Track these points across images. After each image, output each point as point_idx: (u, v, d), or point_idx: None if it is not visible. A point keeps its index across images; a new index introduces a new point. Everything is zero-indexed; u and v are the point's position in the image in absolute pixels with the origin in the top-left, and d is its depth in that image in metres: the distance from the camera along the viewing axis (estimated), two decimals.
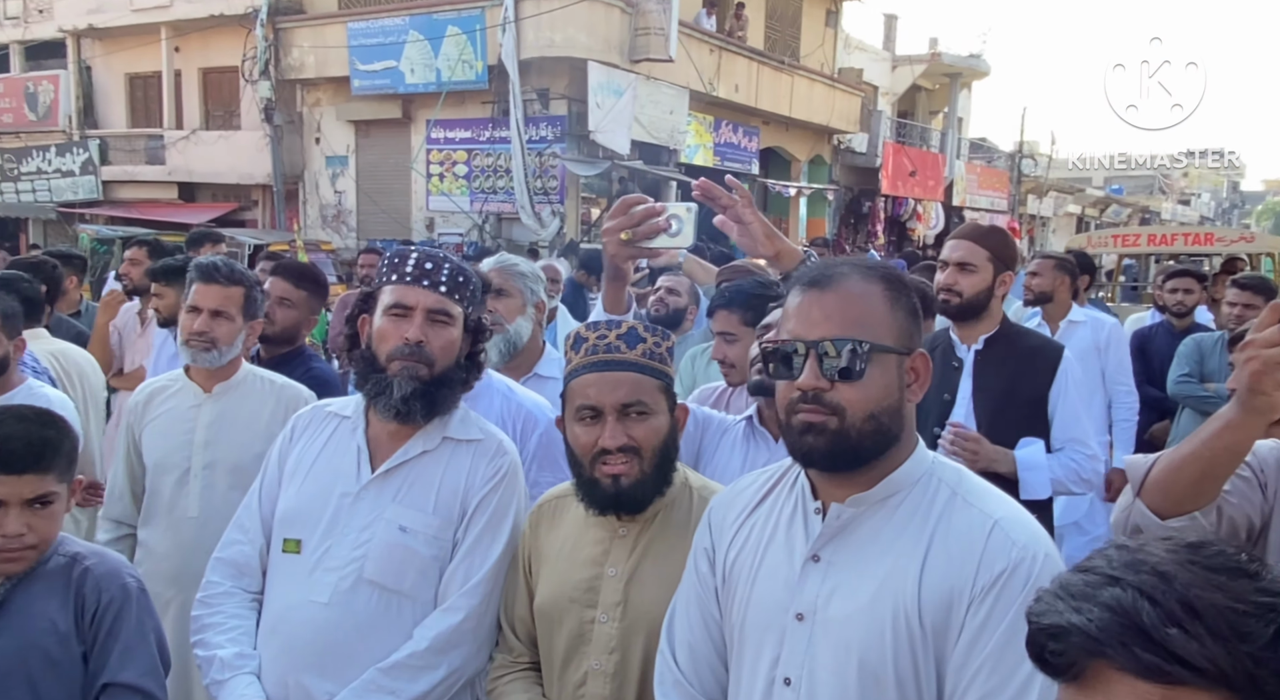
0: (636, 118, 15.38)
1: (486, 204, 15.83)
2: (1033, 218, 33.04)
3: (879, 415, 1.29)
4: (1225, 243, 7.33)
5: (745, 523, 1.46)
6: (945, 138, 26.05)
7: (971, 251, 2.81)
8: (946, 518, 1.30)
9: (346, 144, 17.20)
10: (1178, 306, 4.95)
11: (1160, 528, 1.51)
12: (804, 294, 1.34)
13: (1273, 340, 1.29)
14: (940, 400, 2.87)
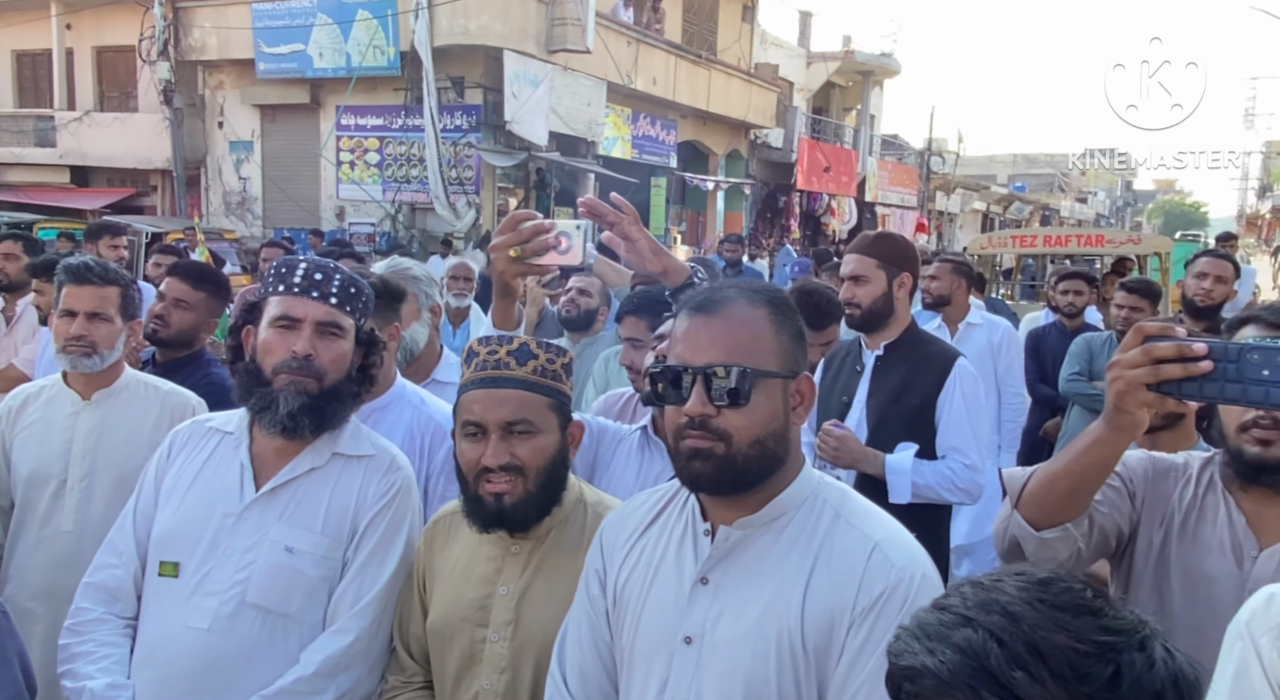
0: (554, 109, 15.27)
1: (399, 193, 15.51)
2: (941, 214, 34.05)
3: (765, 440, 1.29)
4: (1115, 244, 7.67)
5: (636, 544, 1.45)
6: (858, 134, 26.62)
7: (860, 263, 2.86)
8: (830, 539, 1.31)
9: (252, 129, 16.63)
10: (1069, 307, 5.14)
11: (1035, 539, 1.56)
12: (690, 319, 1.33)
13: (1136, 361, 1.33)
14: (840, 402, 2.94)
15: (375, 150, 15.68)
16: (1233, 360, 1.26)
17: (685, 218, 21.91)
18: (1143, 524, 1.71)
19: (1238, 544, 1.63)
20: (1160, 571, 1.68)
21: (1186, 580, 1.65)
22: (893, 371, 2.88)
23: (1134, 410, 1.36)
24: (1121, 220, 69.90)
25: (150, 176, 17.53)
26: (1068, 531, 1.54)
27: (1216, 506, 1.67)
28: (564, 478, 1.67)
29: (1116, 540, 1.71)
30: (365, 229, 15.80)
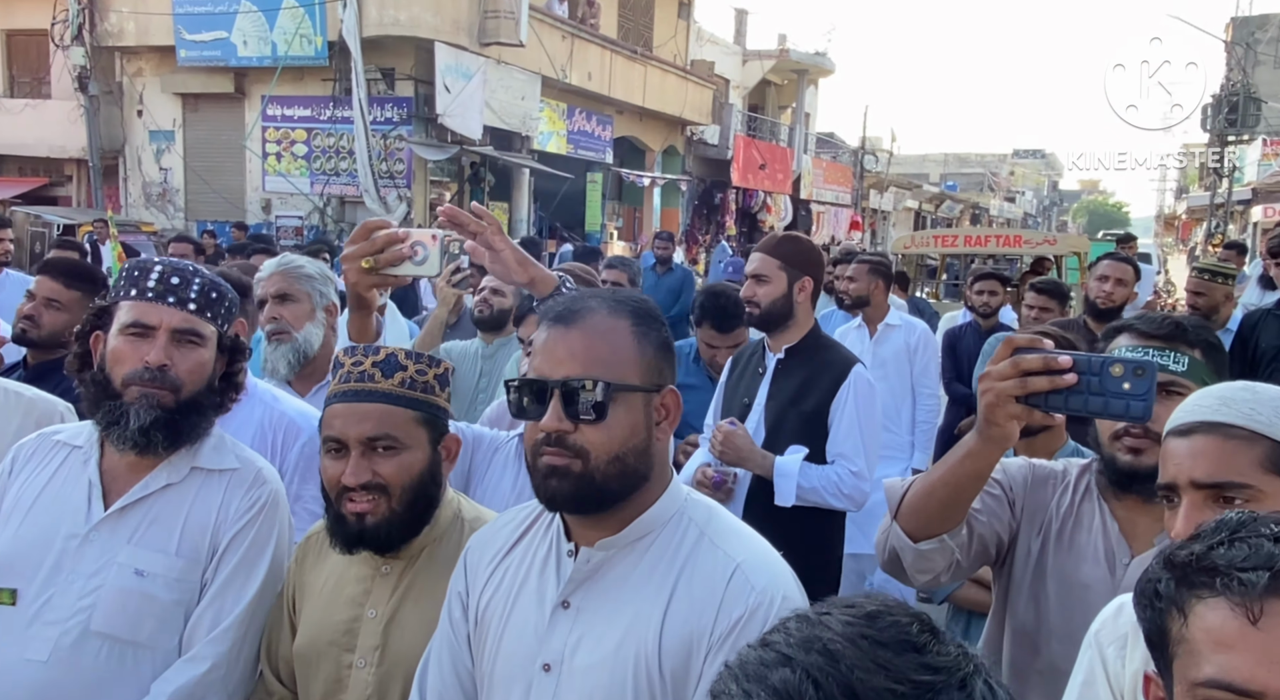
0: (487, 102, 15.06)
1: (328, 186, 15.14)
2: (875, 212, 34.58)
3: (624, 456, 1.24)
4: (1032, 244, 7.84)
5: (500, 565, 1.39)
6: (793, 132, 26.86)
7: (764, 262, 2.85)
8: (693, 560, 1.27)
9: (173, 118, 16.06)
10: (983, 307, 5.21)
11: (912, 550, 1.54)
12: (549, 330, 1.28)
13: (1005, 374, 1.31)
14: (741, 403, 2.93)
15: (303, 142, 15.27)
16: (1095, 373, 1.25)
17: (622, 214, 21.86)
18: (1022, 531, 1.71)
19: (1111, 551, 1.64)
20: (1038, 579, 1.68)
21: (1062, 588, 1.65)
22: (792, 375, 2.89)
23: (1003, 422, 1.34)
24: (1048, 219, 71.97)
25: (65, 166, 16.82)
26: (944, 543, 1.53)
27: (1092, 514, 1.68)
28: (435, 496, 1.59)
29: (996, 548, 1.70)
30: (293, 222, 15.38)
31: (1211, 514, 1.23)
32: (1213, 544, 0.90)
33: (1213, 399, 1.29)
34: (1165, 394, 1.60)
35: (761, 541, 1.32)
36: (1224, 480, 1.23)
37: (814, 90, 29.69)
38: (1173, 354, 1.61)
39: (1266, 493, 1.23)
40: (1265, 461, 1.24)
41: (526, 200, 17.47)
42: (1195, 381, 1.59)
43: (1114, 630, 1.33)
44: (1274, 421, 1.25)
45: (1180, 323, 1.63)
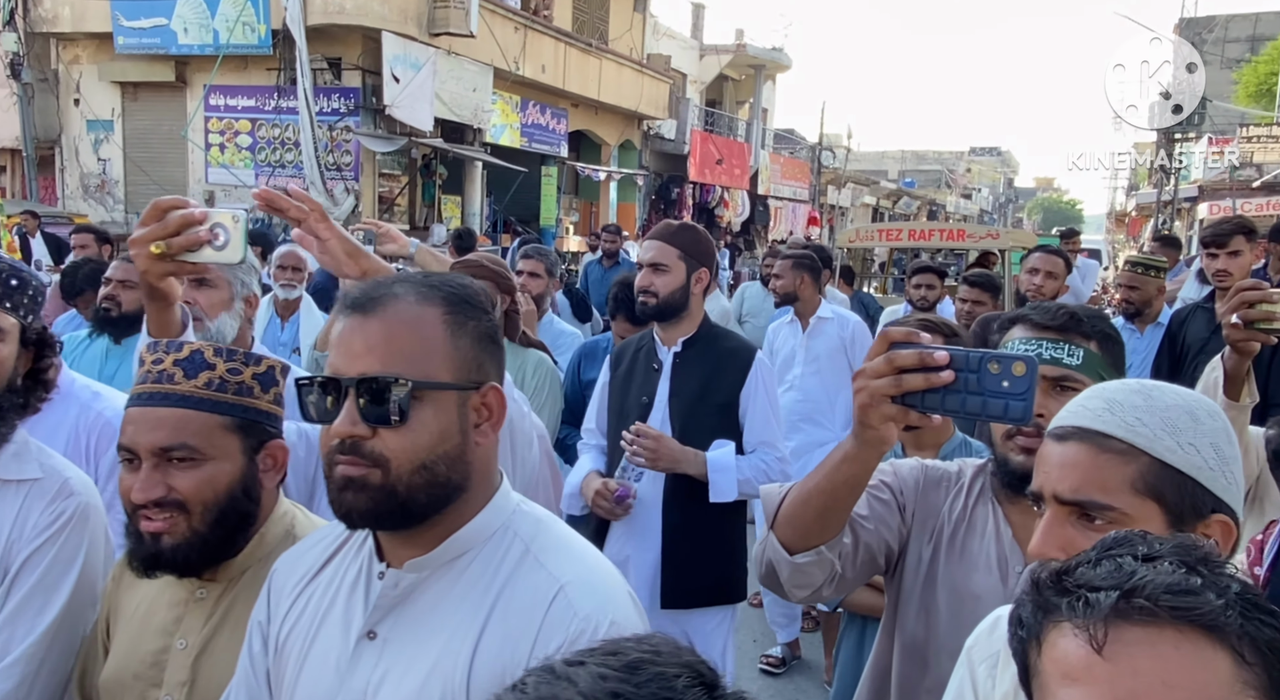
0: (438, 94, 14.76)
1: (273, 178, 14.74)
2: (833, 208, 34.70)
3: (433, 465, 1.09)
4: (975, 239, 7.80)
5: (306, 590, 1.22)
6: (751, 128, 26.80)
7: (663, 251, 2.74)
8: (513, 582, 1.11)
9: (111, 107, 15.54)
10: (921, 301, 5.13)
11: (788, 564, 1.39)
12: (346, 320, 1.11)
13: (879, 370, 1.17)
14: (639, 403, 2.80)
15: (247, 133, 14.85)
16: (974, 370, 1.11)
17: (578, 208, 21.63)
18: (912, 538, 1.57)
19: (1003, 558, 1.51)
20: (928, 589, 1.55)
21: (953, 598, 1.52)
22: (693, 369, 2.77)
23: (878, 424, 1.20)
24: (1004, 216, 72.88)
25: None
26: (822, 555, 1.38)
27: (985, 519, 1.55)
28: (250, 512, 1.41)
29: (886, 557, 1.56)
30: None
31: (1073, 532, 1.10)
32: (1081, 562, 0.76)
33: (1099, 402, 1.15)
34: (1059, 389, 1.47)
35: (596, 558, 1.17)
36: (1086, 499, 1.10)
37: (771, 86, 29.66)
38: (1067, 346, 1.48)
39: (1132, 516, 1.09)
40: (1138, 481, 1.10)
41: (479, 194, 17.18)
42: (1090, 375, 1.47)
43: (987, 646, 1.20)
44: (1158, 435, 1.11)
45: (1075, 313, 1.51)
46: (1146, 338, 4.43)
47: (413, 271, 1.33)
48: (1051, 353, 1.47)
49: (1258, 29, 26.52)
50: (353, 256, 1.50)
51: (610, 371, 2.92)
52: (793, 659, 4.48)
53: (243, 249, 1.42)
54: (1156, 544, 0.73)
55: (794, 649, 4.50)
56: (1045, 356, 1.47)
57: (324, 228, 1.48)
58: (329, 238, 1.49)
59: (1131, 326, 4.49)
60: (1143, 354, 4.38)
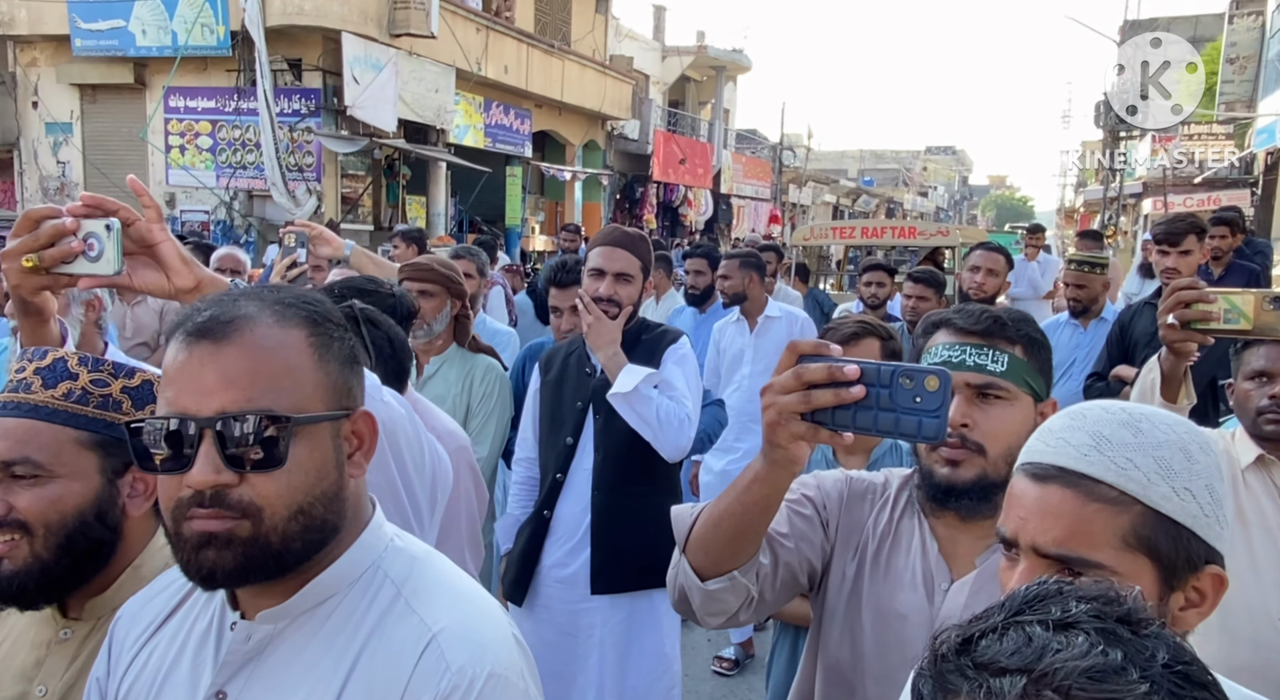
0: (400, 95, 14.48)
1: (234, 179, 14.40)
2: (794, 205, 34.76)
3: (310, 507, 0.95)
4: (926, 236, 7.75)
5: (150, 642, 1.07)
6: (713, 128, 26.73)
7: (629, 262, 2.67)
8: (381, 630, 0.97)
9: (70, 109, 15.09)
10: (871, 298, 5.06)
11: (700, 591, 1.27)
12: (189, 348, 0.94)
13: (787, 386, 1.05)
14: (575, 409, 2.70)
15: (208, 134, 14.48)
16: (885, 385, 1.00)
17: (544, 208, 21.42)
18: (836, 555, 1.45)
19: (929, 575, 1.39)
20: (852, 609, 1.42)
21: (878, 618, 1.40)
22: None
23: (786, 443, 1.08)
24: (959, 212, 73.62)
25: None
26: (735, 580, 1.26)
27: (911, 533, 1.43)
28: (105, 540, 1.24)
29: (809, 576, 1.44)
30: (199, 217, 14.61)
31: None
32: (986, 628, 0.63)
33: (1084, 436, 0.97)
34: (982, 398, 1.36)
35: (478, 600, 1.02)
36: (1072, 555, 0.94)
37: (733, 87, 29.61)
38: (991, 352, 1.37)
39: (1121, 574, 0.93)
40: (1129, 535, 0.93)
41: (444, 194, 16.92)
42: (1015, 382, 1.36)
43: None
44: (1152, 480, 0.94)
45: (999, 317, 1.40)
46: (1090, 332, 4.38)
47: (279, 283, 1.18)
48: (975, 359, 1.36)
49: (1198, 31, 26.88)
50: (187, 265, 1.33)
51: (540, 377, 2.80)
52: (746, 659, 4.38)
53: (117, 261, 1.26)
54: (1073, 603, 0.61)
55: (747, 648, 4.40)
56: (969, 363, 1.36)
57: (159, 231, 1.32)
58: (163, 241, 1.32)
59: (1075, 322, 4.43)
60: (1086, 349, 4.33)
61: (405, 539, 1.07)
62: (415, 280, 3.08)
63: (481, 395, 3.10)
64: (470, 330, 3.21)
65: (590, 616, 2.64)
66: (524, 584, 2.71)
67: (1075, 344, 4.40)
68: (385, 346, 1.97)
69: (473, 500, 2.40)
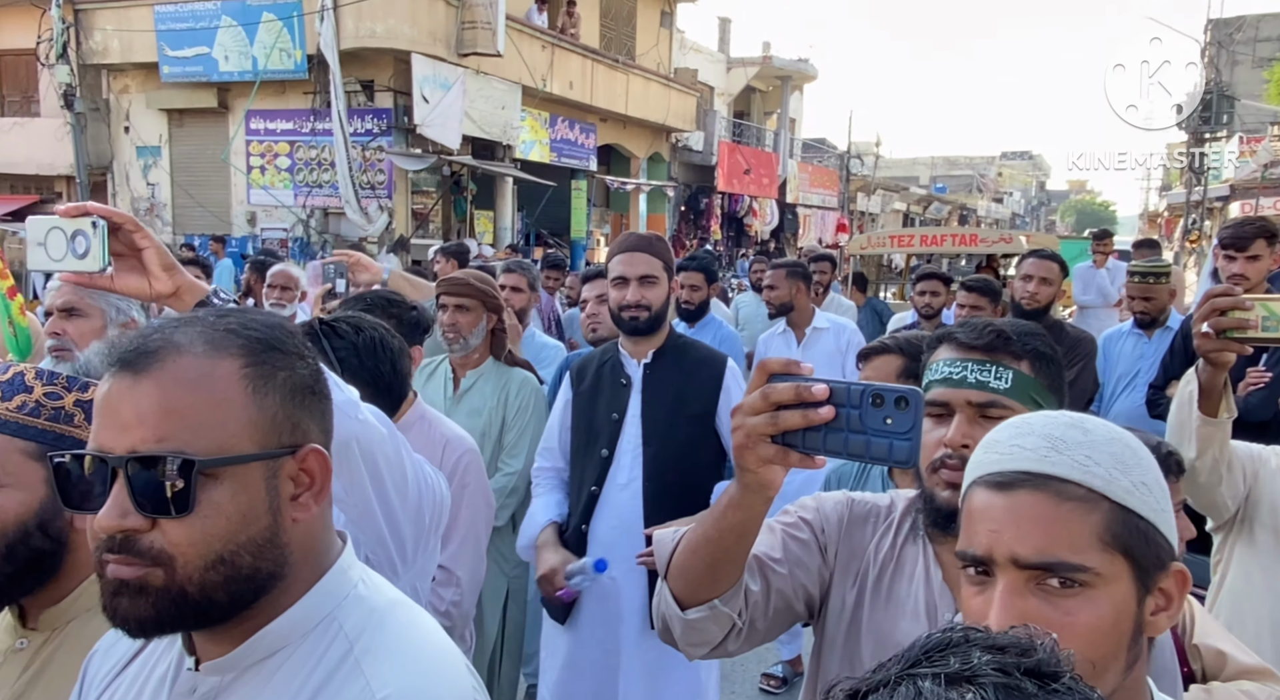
0: (467, 112, 14.77)
1: (310, 198, 14.87)
2: (862, 214, 34.23)
3: (233, 556, 0.88)
4: (988, 243, 7.50)
5: (114, 682, 1.04)
6: (778, 137, 26.53)
7: (652, 264, 2.62)
8: (326, 691, 0.90)
9: (159, 133, 15.81)
10: (925, 308, 4.91)
11: (680, 620, 1.22)
12: (112, 378, 0.89)
13: (756, 407, 1.00)
14: (610, 420, 2.65)
15: (286, 154, 15.00)
16: (855, 406, 0.94)
17: (609, 220, 21.55)
18: (835, 582, 1.37)
19: (933, 604, 1.31)
20: (852, 638, 1.35)
21: (878, 648, 1.32)
22: (664, 381, 2.63)
23: (755, 467, 1.02)
24: (1036, 219, 71.45)
25: (55, 183, 16.58)
26: (716, 609, 1.20)
27: (915, 559, 1.35)
28: (47, 551, 1.22)
29: (806, 604, 1.37)
30: (278, 234, 15.12)
31: (1037, 602, 0.88)
32: (875, 683, 0.58)
33: (1037, 438, 0.93)
34: (987, 418, 1.28)
35: (437, 662, 0.95)
36: (1056, 560, 0.88)
37: (799, 96, 29.35)
38: (994, 368, 1.29)
39: (1104, 576, 0.88)
40: (1104, 533, 0.89)
41: (510, 208, 17.17)
42: (1020, 400, 1.27)
43: None
44: (1113, 475, 0.90)
45: (1003, 331, 1.31)
46: (1155, 342, 4.17)
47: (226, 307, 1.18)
48: (977, 375, 1.29)
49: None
50: (168, 272, 1.34)
51: (572, 389, 2.77)
52: (794, 676, 4.27)
53: (103, 257, 1.29)
54: (977, 653, 0.56)
55: (796, 666, 4.29)
56: (970, 380, 1.29)
57: (142, 237, 1.34)
58: (148, 247, 1.34)
59: (1139, 332, 4.22)
60: (1151, 359, 4.12)
61: (371, 585, 1.00)
62: (451, 294, 3.10)
63: (517, 409, 3.10)
64: (506, 344, 3.21)
65: (628, 636, 2.60)
66: (567, 605, 2.65)
67: (1139, 354, 4.20)
68: (352, 359, 1.88)
69: (480, 506, 2.39)
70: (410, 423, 2.40)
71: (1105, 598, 0.88)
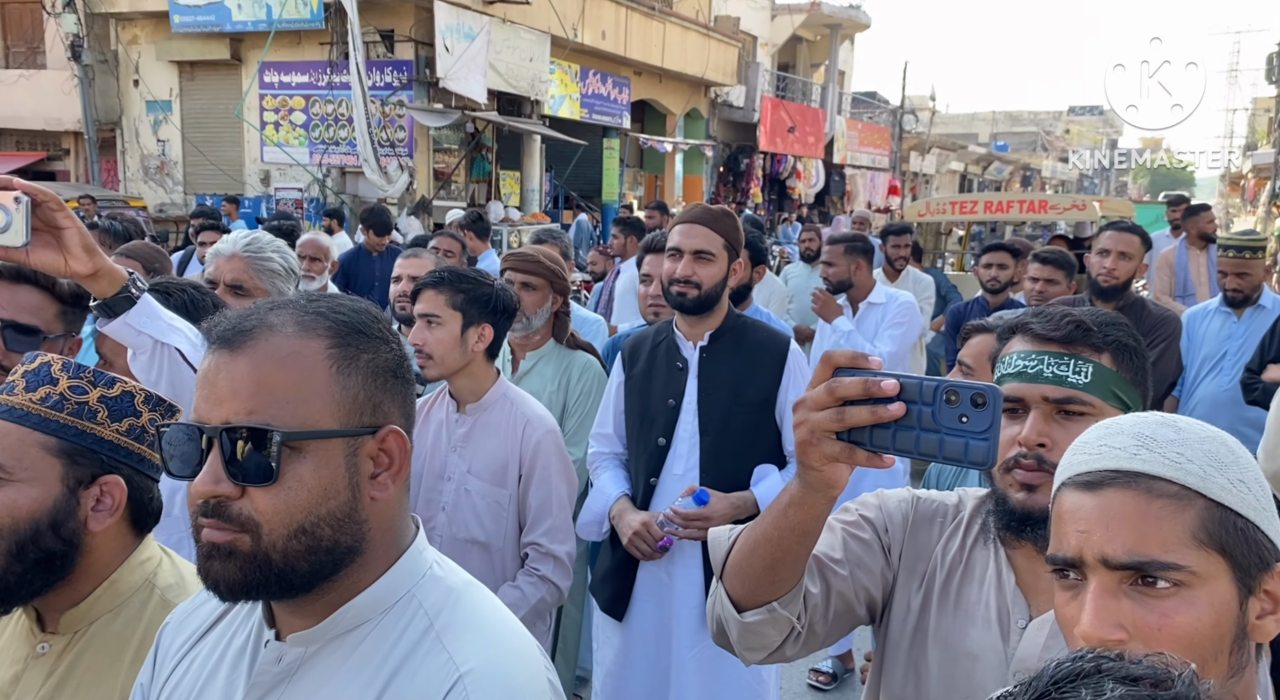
0: (492, 64, 14.73)
1: (326, 156, 14.95)
2: (915, 175, 33.75)
3: (314, 528, 0.96)
4: (1059, 210, 7.35)
5: (191, 652, 1.11)
6: (826, 92, 26.14)
7: (709, 238, 2.58)
8: (410, 664, 0.97)
9: (170, 87, 15.93)
10: (991, 282, 4.84)
11: (736, 623, 1.24)
12: (212, 355, 0.99)
13: (820, 402, 1.00)
14: (665, 407, 2.64)
15: (301, 110, 15.06)
16: (928, 403, 0.95)
17: (643, 182, 21.46)
18: (900, 584, 1.38)
19: (1005, 610, 1.30)
20: (917, 644, 1.35)
21: (946, 656, 1.32)
22: (722, 364, 2.61)
23: (819, 465, 1.04)
24: (1106, 180, 69.98)
25: (62, 139, 16.80)
26: (774, 613, 1.22)
27: (986, 562, 1.35)
28: (58, 552, 1.26)
29: (868, 607, 1.37)
30: (293, 194, 15.24)
31: (1131, 604, 0.90)
32: None
33: (1127, 438, 0.95)
34: (1065, 415, 1.27)
35: (514, 639, 1.02)
36: (1148, 559, 0.89)
37: (849, 46, 28.87)
38: (1073, 361, 1.27)
39: (1199, 575, 0.90)
40: (1199, 531, 0.90)
41: (538, 168, 17.15)
42: (1102, 395, 1.26)
43: None
44: (1208, 472, 0.92)
45: (1083, 321, 1.29)
46: (1245, 322, 4.09)
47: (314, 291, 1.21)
48: (1054, 369, 1.27)
49: None
50: (89, 252, 1.45)
51: (624, 371, 2.75)
52: (844, 672, 4.30)
53: (25, 233, 1.39)
54: (1109, 685, 0.55)
55: (845, 661, 4.31)
56: (1047, 374, 1.27)
57: (63, 217, 1.44)
58: (68, 227, 1.44)
59: (1227, 310, 4.14)
60: (1240, 339, 4.05)
61: (445, 567, 1.07)
62: (520, 271, 3.09)
63: (579, 394, 3.11)
64: (569, 326, 3.21)
65: (683, 634, 2.62)
66: (624, 599, 2.68)
67: (1227, 335, 4.12)
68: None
69: (562, 486, 2.45)
70: (493, 400, 2.48)
71: (1204, 598, 0.89)
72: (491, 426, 2.46)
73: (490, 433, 2.45)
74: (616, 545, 2.71)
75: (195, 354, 1.74)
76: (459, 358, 2.43)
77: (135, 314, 1.65)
